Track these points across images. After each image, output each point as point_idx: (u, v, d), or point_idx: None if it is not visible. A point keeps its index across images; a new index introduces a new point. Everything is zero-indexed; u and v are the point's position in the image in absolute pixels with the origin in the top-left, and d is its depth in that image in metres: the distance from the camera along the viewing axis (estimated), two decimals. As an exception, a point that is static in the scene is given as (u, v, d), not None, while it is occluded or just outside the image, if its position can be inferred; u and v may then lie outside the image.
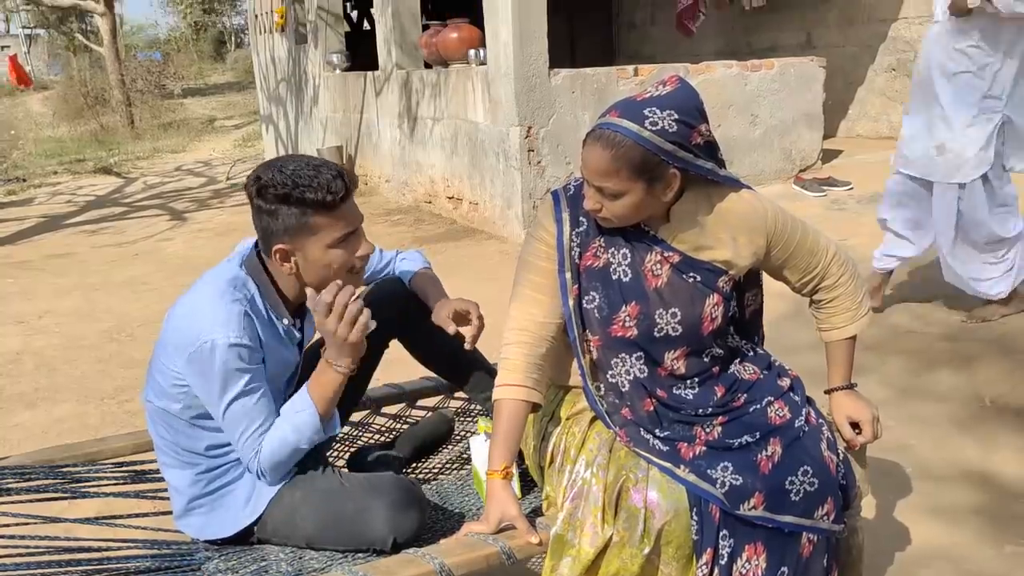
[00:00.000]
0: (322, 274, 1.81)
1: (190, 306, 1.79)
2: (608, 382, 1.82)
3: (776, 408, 1.81)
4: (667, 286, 1.78)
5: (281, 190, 1.71)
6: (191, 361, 1.73)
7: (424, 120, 7.80)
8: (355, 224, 1.81)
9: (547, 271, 1.81)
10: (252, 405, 1.77)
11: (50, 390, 4.32)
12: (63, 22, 27.10)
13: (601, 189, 1.69)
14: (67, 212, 9.93)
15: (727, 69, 7.05)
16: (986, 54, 3.66)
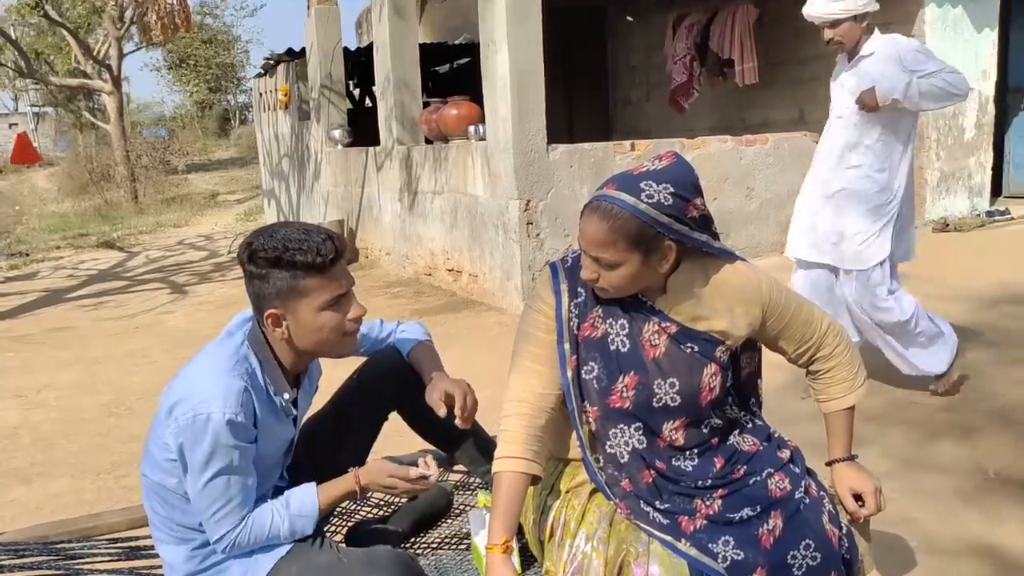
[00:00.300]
0: (315, 338, 1.82)
1: (190, 377, 1.80)
2: (607, 453, 1.82)
3: (776, 480, 1.80)
4: (665, 356, 1.79)
5: (272, 254, 1.74)
6: (182, 430, 1.72)
7: (424, 194, 7.91)
8: (346, 287, 1.82)
9: (546, 342, 1.83)
10: (233, 483, 1.77)
11: (46, 465, 4.28)
12: (71, 100, 27.66)
13: (598, 259, 1.71)
14: (69, 286, 9.98)
15: (722, 144, 7.19)
16: (888, 148, 3.79)
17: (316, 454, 2.03)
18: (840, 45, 3.81)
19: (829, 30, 3.75)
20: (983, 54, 7.98)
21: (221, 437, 1.71)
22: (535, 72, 6.31)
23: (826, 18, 3.74)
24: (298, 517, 1.82)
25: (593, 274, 1.74)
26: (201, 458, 1.72)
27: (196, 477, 1.74)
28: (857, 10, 3.73)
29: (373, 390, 2.13)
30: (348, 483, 1.86)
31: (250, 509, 1.80)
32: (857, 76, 3.80)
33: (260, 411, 1.79)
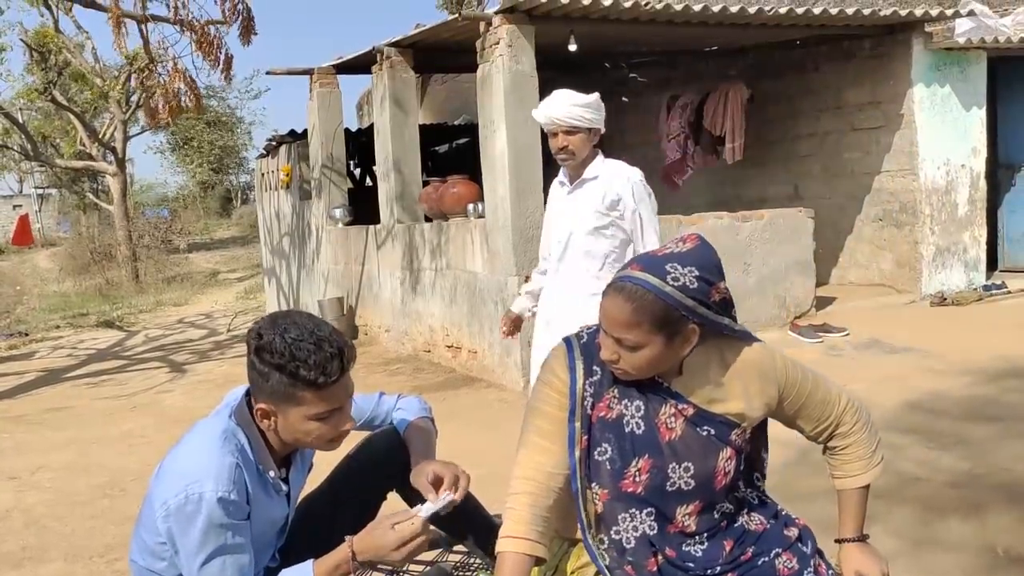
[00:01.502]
0: (298, 438, 1.82)
1: (179, 458, 1.78)
2: (612, 538, 1.78)
3: (784, 560, 1.77)
4: (681, 440, 1.75)
5: (278, 360, 1.73)
6: (174, 511, 1.70)
7: (424, 271, 7.95)
8: (342, 402, 1.82)
9: (557, 419, 1.79)
10: (231, 563, 1.74)
11: (38, 549, 4.20)
12: (75, 182, 28.08)
13: (620, 340, 1.68)
14: (67, 366, 9.95)
15: (718, 220, 7.27)
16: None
17: (311, 535, 2.00)
18: (569, 159, 3.49)
19: (564, 136, 3.43)
20: (972, 132, 8.13)
21: (214, 516, 1.68)
22: (532, 151, 6.43)
23: (564, 122, 3.42)
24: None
25: (614, 355, 1.71)
26: (195, 540, 1.69)
27: (191, 561, 1.71)
28: (596, 123, 3.48)
29: (369, 471, 2.11)
30: (340, 552, 1.82)
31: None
32: (576, 202, 3.54)
33: (251, 487, 1.77)
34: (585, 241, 3.51)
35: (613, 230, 3.50)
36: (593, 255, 3.52)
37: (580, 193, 3.52)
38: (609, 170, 3.52)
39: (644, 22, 7.02)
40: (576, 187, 3.54)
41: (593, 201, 3.48)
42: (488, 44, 6.55)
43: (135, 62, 13.03)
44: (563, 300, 3.57)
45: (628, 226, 3.50)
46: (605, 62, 10.49)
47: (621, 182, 3.49)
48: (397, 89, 8.27)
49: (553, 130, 3.44)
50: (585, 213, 3.49)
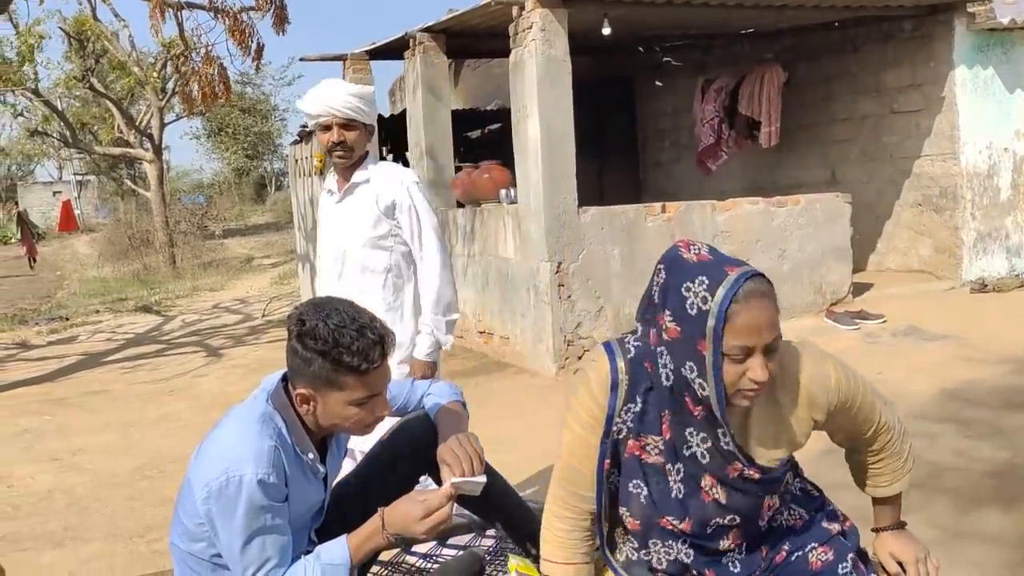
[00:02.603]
0: (337, 423, 1.85)
1: (218, 441, 1.81)
2: (641, 558, 1.75)
3: (819, 553, 1.76)
4: (724, 498, 1.68)
5: (321, 346, 1.75)
6: (215, 494, 1.73)
7: (456, 257, 7.97)
8: (380, 389, 1.84)
9: (591, 444, 1.70)
10: (271, 542, 1.77)
11: (79, 529, 4.29)
12: (113, 169, 28.51)
13: (768, 346, 1.51)
14: (107, 350, 10.12)
15: (753, 205, 7.19)
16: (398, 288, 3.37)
17: (345, 518, 2.01)
18: (346, 156, 3.11)
19: (340, 130, 3.05)
20: (1016, 114, 7.95)
21: (255, 498, 1.71)
22: (565, 137, 6.40)
23: (342, 114, 3.04)
24: (329, 566, 1.81)
25: (765, 369, 1.51)
26: (236, 522, 1.72)
27: (232, 542, 1.74)
28: (371, 119, 3.12)
29: (401, 455, 2.12)
30: (372, 523, 1.84)
31: (286, 570, 1.79)
32: (347, 212, 3.19)
33: (289, 470, 1.80)
34: (362, 255, 3.16)
35: (392, 240, 3.16)
36: (373, 270, 3.17)
37: (351, 201, 3.18)
38: (381, 173, 3.18)
39: (678, 4, 6.94)
40: (346, 194, 3.19)
41: (367, 208, 3.14)
42: (521, 29, 6.52)
43: (171, 49, 13.15)
44: None
45: (407, 234, 3.16)
46: (639, 46, 10.40)
47: (395, 185, 3.14)
48: (429, 75, 8.26)
49: (327, 122, 3.05)
50: (359, 223, 3.15)
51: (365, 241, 3.14)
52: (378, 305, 3.04)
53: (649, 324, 1.62)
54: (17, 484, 5.07)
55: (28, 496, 4.84)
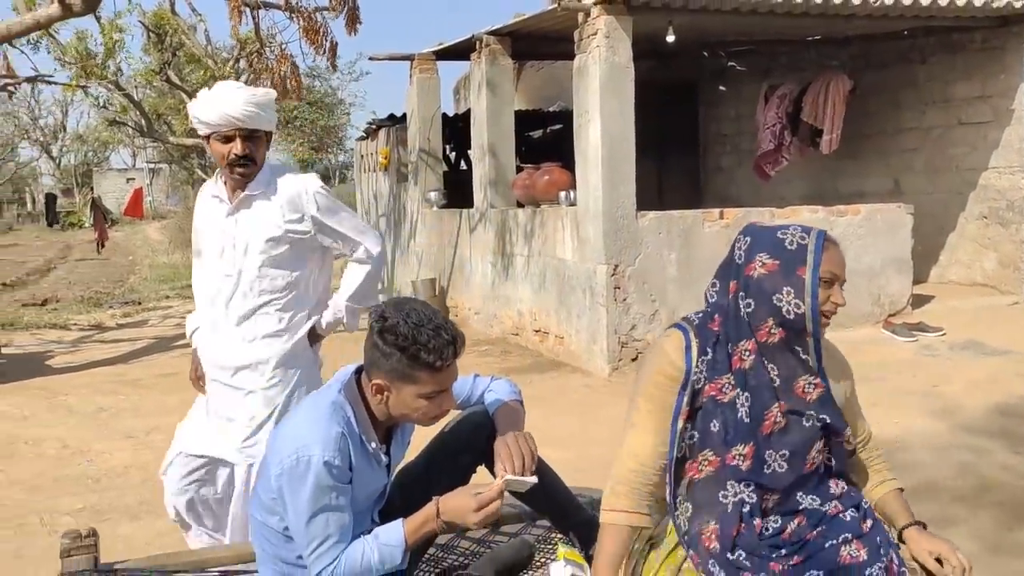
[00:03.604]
0: (406, 414, 2.02)
1: (293, 425, 2.00)
2: (707, 502, 1.92)
3: (852, 548, 1.86)
4: (782, 431, 1.92)
5: (401, 342, 1.92)
6: (286, 471, 1.91)
7: (515, 256, 8.13)
8: (448, 384, 2.01)
9: (664, 402, 1.93)
10: (333, 520, 1.94)
11: (154, 504, 4.53)
12: (185, 158, 29.32)
13: (843, 282, 1.95)
14: (177, 334, 10.51)
15: (813, 214, 7.20)
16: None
17: (408, 501, 2.17)
18: (251, 170, 2.81)
19: (244, 143, 2.75)
20: (1088, 128, 7.79)
21: (321, 478, 1.89)
22: (626, 142, 6.50)
23: (247, 124, 2.74)
24: (386, 546, 1.97)
25: (842, 298, 1.95)
26: (303, 498, 1.90)
27: (299, 517, 1.92)
28: (272, 126, 2.88)
29: (461, 446, 2.27)
30: (427, 510, 2.01)
31: (344, 547, 1.96)
32: (244, 226, 2.84)
33: (355, 457, 1.97)
34: (259, 273, 2.84)
35: (295, 257, 2.88)
36: (270, 290, 2.86)
37: (248, 214, 2.84)
38: (282, 183, 2.86)
39: (744, 13, 6.98)
40: (241, 206, 2.85)
41: (267, 223, 2.82)
42: (585, 35, 6.64)
43: (246, 46, 13.55)
44: (239, 355, 2.85)
45: (320, 243, 2.93)
46: (704, 51, 10.42)
47: (299, 194, 2.85)
48: (494, 76, 8.43)
49: (228, 133, 2.74)
50: (257, 239, 2.82)
51: (264, 259, 2.82)
52: (270, 325, 2.84)
53: (727, 279, 1.96)
54: (96, 459, 5.37)
55: (107, 471, 5.13)
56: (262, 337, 2.85)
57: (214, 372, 2.91)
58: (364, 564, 1.97)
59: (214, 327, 2.91)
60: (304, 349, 2.93)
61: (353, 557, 1.96)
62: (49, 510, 4.40)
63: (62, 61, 15.69)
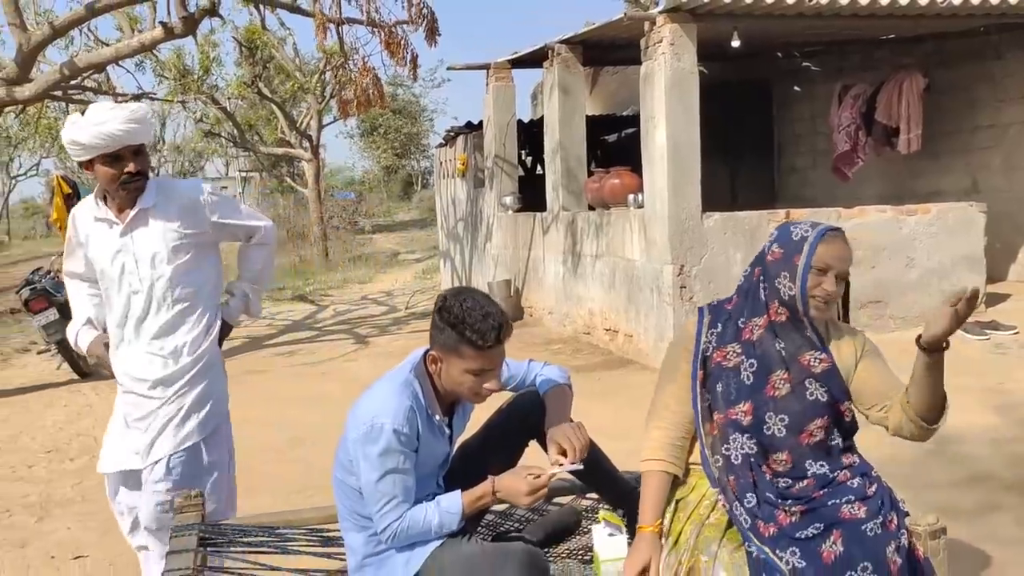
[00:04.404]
0: (453, 387, 2.31)
1: (370, 397, 2.33)
2: (723, 454, 2.22)
3: (853, 507, 2.08)
4: (783, 398, 2.19)
5: (452, 319, 2.24)
6: (362, 436, 2.24)
7: (585, 257, 8.39)
8: (492, 365, 2.28)
9: (684, 371, 2.28)
10: (399, 482, 2.25)
11: (248, 487, 4.91)
12: (275, 166, 30.45)
13: (839, 274, 2.15)
14: (266, 335, 11.12)
15: (881, 214, 7.25)
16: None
17: (468, 469, 2.48)
18: (142, 185, 2.84)
19: (135, 159, 2.79)
20: None
21: (391, 444, 2.20)
22: (691, 146, 6.70)
23: (135, 141, 2.78)
24: (445, 513, 2.28)
25: (834, 287, 2.15)
26: (375, 460, 2.22)
27: (369, 476, 2.24)
28: (151, 136, 2.88)
29: (514, 423, 2.56)
30: (484, 486, 2.30)
31: (409, 507, 2.27)
32: (140, 243, 2.85)
33: (421, 428, 2.28)
34: (168, 286, 2.87)
35: (197, 260, 2.93)
36: (182, 299, 2.90)
37: (145, 229, 2.86)
38: (168, 193, 2.91)
39: (810, 16, 7.09)
40: (136, 223, 2.86)
41: (166, 235, 2.86)
42: (651, 43, 6.86)
43: (331, 59, 14.15)
44: (156, 368, 2.87)
45: (215, 241, 3.02)
46: (777, 51, 10.48)
47: (195, 203, 2.92)
48: (566, 83, 8.72)
49: (119, 153, 2.75)
50: (158, 252, 2.85)
51: (172, 269, 2.87)
52: (187, 334, 2.90)
53: (755, 266, 2.28)
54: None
55: (205, 455, 5.60)
56: (180, 347, 2.88)
57: (129, 384, 2.89)
58: (424, 525, 2.27)
59: (126, 343, 2.91)
60: (215, 347, 2.99)
61: (416, 518, 2.27)
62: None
63: (162, 77, 16.66)
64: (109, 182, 2.78)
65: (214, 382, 3.01)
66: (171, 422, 2.88)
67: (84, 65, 8.67)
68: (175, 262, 2.87)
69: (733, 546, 2.09)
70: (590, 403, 4.96)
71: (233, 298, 3.11)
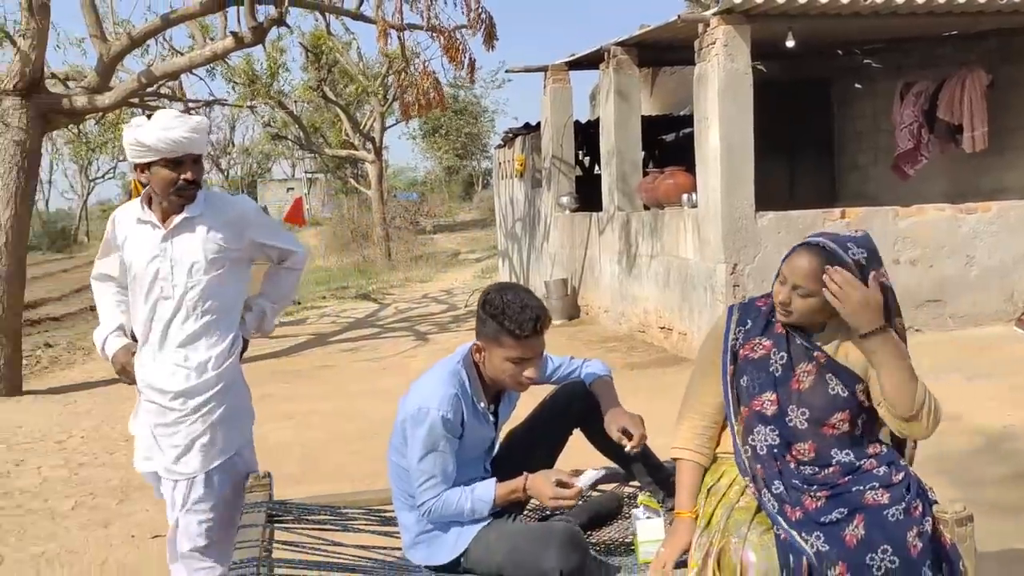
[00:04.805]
0: (495, 375, 2.48)
1: (420, 385, 2.54)
2: (751, 445, 2.34)
3: (877, 493, 2.19)
4: (808, 390, 2.29)
5: (493, 311, 2.43)
6: (410, 418, 2.43)
7: (640, 257, 8.49)
8: (530, 355, 2.44)
9: (714, 364, 2.40)
10: (439, 463, 2.43)
11: (313, 472, 5.24)
12: (339, 168, 31.09)
13: (796, 287, 2.21)
14: (331, 331, 11.48)
15: (939, 212, 7.21)
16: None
17: (514, 455, 2.65)
18: (194, 193, 2.84)
19: (193, 167, 2.81)
20: None
21: (435, 427, 2.39)
22: (744, 146, 6.76)
23: (193, 149, 2.81)
24: (478, 500, 2.45)
25: (787, 298, 2.25)
26: (419, 440, 2.41)
27: (413, 454, 2.44)
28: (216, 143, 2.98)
29: (560, 411, 2.72)
30: (517, 481, 2.47)
31: (446, 488, 2.45)
32: (181, 250, 2.84)
33: (466, 413, 2.46)
34: (200, 296, 2.85)
35: (230, 276, 2.92)
36: (213, 311, 2.88)
37: (187, 237, 2.86)
38: (217, 203, 2.94)
39: (866, 15, 7.09)
40: (180, 229, 2.86)
41: (207, 245, 2.86)
42: (705, 44, 6.94)
43: (393, 64, 14.47)
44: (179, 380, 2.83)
45: (249, 259, 3.01)
46: (837, 49, 10.41)
47: (240, 217, 2.95)
48: (622, 85, 8.83)
49: (181, 159, 2.79)
50: (198, 262, 2.84)
51: (207, 280, 2.86)
52: (212, 348, 2.87)
53: None
54: (263, 436, 6.13)
55: (272, 445, 5.88)
56: (204, 361, 2.85)
57: (150, 394, 2.86)
58: (457, 507, 2.45)
59: (150, 349, 2.87)
60: (238, 364, 2.97)
61: (451, 499, 2.45)
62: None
63: (233, 83, 17.23)
64: (166, 186, 2.79)
65: (239, 401, 2.95)
66: (197, 441, 2.82)
67: (160, 74, 9.10)
68: (211, 273, 2.86)
69: (762, 529, 2.21)
70: (644, 399, 5.09)
71: (250, 313, 3.05)
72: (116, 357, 2.94)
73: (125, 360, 2.92)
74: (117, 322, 2.99)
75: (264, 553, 2.44)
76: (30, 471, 5.60)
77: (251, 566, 2.28)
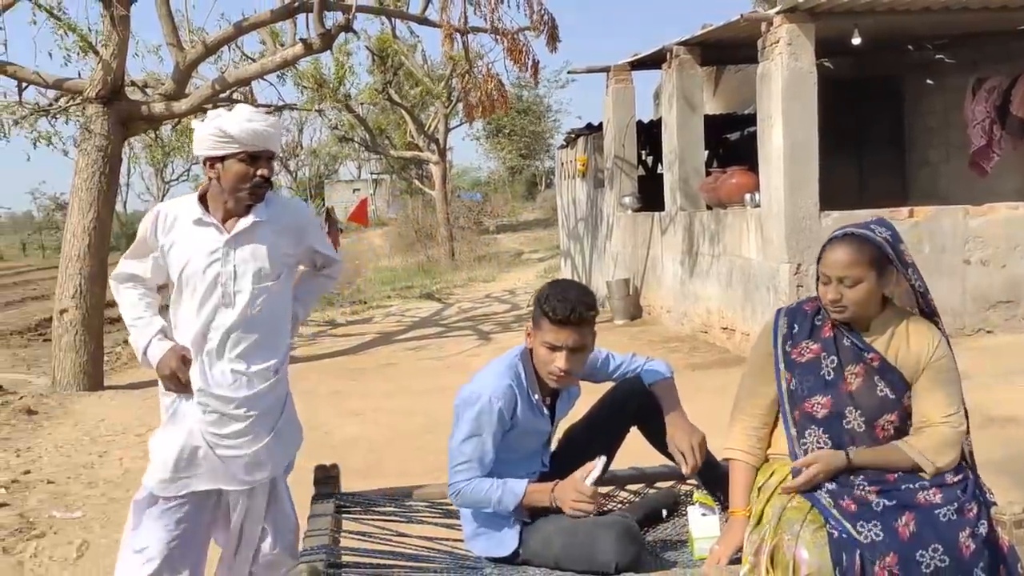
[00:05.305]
0: (536, 363, 2.57)
1: (479, 374, 2.65)
2: (802, 446, 2.38)
3: (929, 493, 2.20)
4: (858, 391, 2.33)
5: (539, 296, 2.56)
6: (463, 400, 2.55)
7: (703, 256, 8.47)
8: (563, 343, 2.49)
9: (763, 369, 2.45)
10: (476, 448, 2.52)
11: (378, 466, 5.39)
12: (404, 169, 31.51)
13: (843, 280, 2.25)
14: (396, 330, 11.69)
15: (1012, 210, 7.03)
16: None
17: (572, 450, 2.72)
18: (264, 192, 2.77)
19: (267, 167, 2.73)
20: None
21: (483, 411, 2.50)
22: (808, 145, 6.70)
23: (271, 145, 2.74)
24: (508, 492, 2.51)
25: (837, 295, 2.27)
26: (465, 422, 2.52)
27: (457, 434, 2.55)
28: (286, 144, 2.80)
29: (619, 407, 2.78)
30: (548, 484, 2.54)
31: (479, 474, 2.53)
32: (243, 254, 2.74)
33: (520, 405, 2.55)
34: (260, 301, 2.76)
35: (285, 283, 2.87)
36: (270, 319, 2.81)
37: (253, 245, 2.76)
38: (280, 208, 2.85)
39: (936, 10, 6.96)
40: (247, 234, 2.75)
41: (272, 250, 2.77)
42: (768, 43, 6.90)
43: (458, 66, 14.65)
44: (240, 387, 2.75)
45: (297, 265, 2.97)
46: (908, 44, 10.20)
47: (304, 224, 2.93)
48: (684, 85, 8.81)
49: (259, 154, 2.71)
50: (263, 266, 2.76)
51: (267, 288, 2.77)
52: (270, 353, 2.80)
53: None
54: (330, 432, 6.34)
55: (339, 440, 6.07)
56: (263, 370, 2.78)
57: (211, 403, 2.73)
58: (486, 496, 2.52)
59: (207, 357, 2.75)
60: (287, 373, 2.92)
61: (481, 486, 2.53)
62: (297, 467, 5.32)
63: (301, 87, 17.64)
64: (237, 182, 2.68)
65: (291, 404, 2.93)
66: (267, 447, 2.79)
67: (233, 80, 9.40)
68: (274, 280, 2.78)
69: (815, 526, 2.24)
70: (706, 399, 5.11)
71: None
72: (165, 361, 2.73)
73: (176, 365, 2.72)
74: (157, 326, 2.80)
75: (332, 541, 2.56)
76: (113, 462, 5.87)
77: (320, 553, 2.40)
